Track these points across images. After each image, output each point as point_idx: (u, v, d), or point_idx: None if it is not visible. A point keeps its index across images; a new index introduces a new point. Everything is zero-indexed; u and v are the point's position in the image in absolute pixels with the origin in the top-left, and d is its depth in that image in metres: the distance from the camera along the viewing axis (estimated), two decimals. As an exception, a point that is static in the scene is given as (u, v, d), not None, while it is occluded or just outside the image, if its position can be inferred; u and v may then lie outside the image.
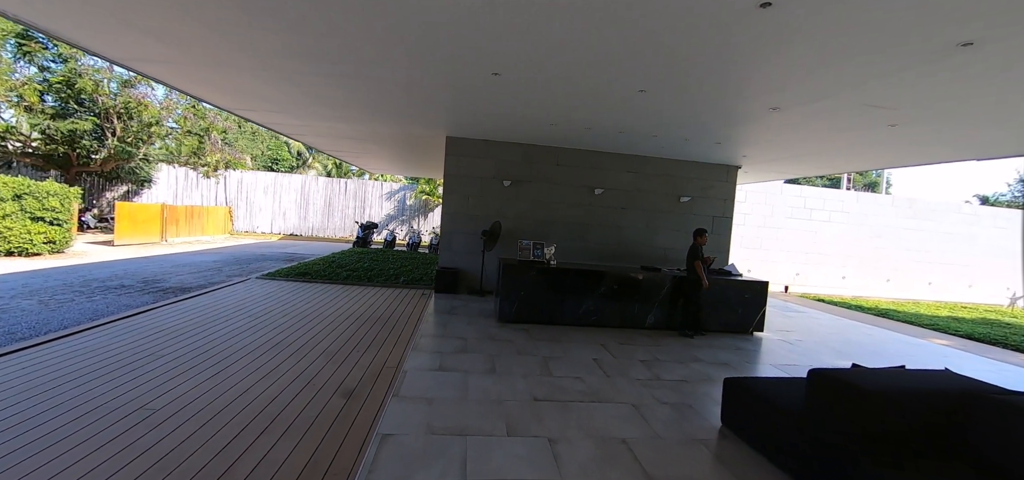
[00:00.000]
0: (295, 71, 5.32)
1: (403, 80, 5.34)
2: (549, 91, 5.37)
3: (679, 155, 9.26)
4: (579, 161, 9.34)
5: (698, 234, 6.99)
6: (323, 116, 7.92)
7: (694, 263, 6.89)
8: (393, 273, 10.53)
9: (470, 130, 8.31)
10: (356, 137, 9.90)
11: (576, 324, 6.92)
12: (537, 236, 9.32)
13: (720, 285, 7.28)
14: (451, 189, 9.14)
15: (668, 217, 9.79)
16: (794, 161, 8.89)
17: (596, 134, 7.68)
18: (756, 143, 7.53)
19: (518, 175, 9.20)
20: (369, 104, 6.70)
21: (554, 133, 7.88)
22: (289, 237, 21.09)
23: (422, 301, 8.37)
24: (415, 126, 8.30)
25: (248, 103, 7.36)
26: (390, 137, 9.65)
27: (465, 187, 9.12)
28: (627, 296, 7.02)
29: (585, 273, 6.92)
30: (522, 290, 6.76)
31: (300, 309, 7.21)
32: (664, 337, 6.77)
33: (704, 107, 5.62)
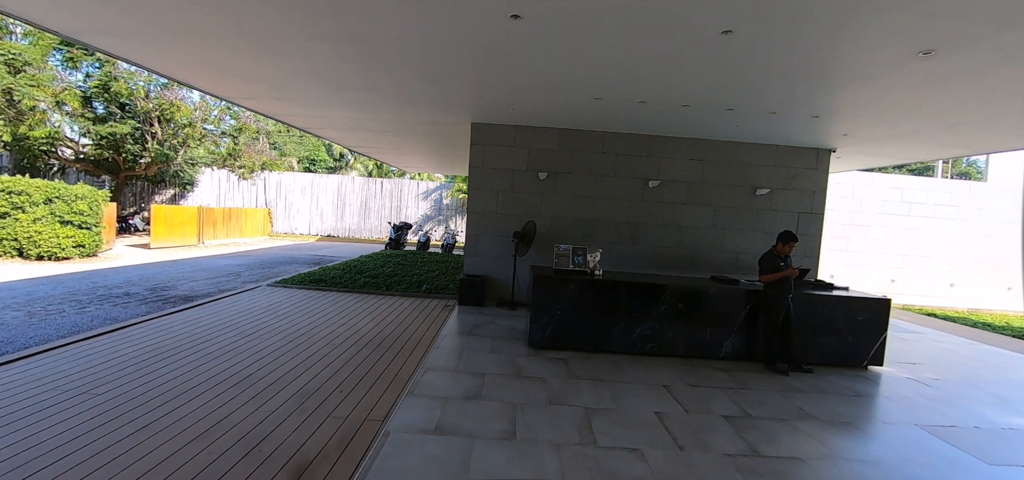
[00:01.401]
0: (289, 42, 4.25)
1: (413, 38, 4.08)
2: (588, 39, 3.91)
3: (756, 137, 7.46)
4: (629, 147, 7.76)
5: (783, 240, 5.25)
6: (329, 102, 6.86)
7: (766, 275, 5.21)
8: (417, 280, 9.41)
9: (497, 113, 6.97)
10: (374, 128, 8.84)
11: (628, 353, 5.40)
12: (578, 239, 7.84)
13: (823, 304, 5.50)
14: (477, 184, 7.84)
15: (741, 214, 7.99)
16: (909, 140, 6.86)
17: (652, 110, 6.10)
18: (866, 115, 5.68)
19: (555, 166, 7.76)
20: (377, 82, 5.52)
21: (598, 111, 6.38)
22: (326, 239, 20.74)
23: (441, 316, 7.13)
24: (436, 111, 7.07)
25: (246, 89, 6.42)
26: (412, 127, 8.50)
27: (493, 181, 7.80)
28: (696, 317, 5.41)
29: (640, 287, 5.38)
30: (558, 309, 5.33)
31: (297, 326, 6.17)
32: (747, 372, 5.11)
33: (814, 56, 3.96)
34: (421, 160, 14.51)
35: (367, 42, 4.25)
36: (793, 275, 5.19)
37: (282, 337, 5.64)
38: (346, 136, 10.21)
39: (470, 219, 7.90)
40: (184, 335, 5.49)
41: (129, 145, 16.08)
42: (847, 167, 9.65)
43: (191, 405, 3.73)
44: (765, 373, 5.16)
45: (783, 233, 5.27)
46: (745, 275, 7.92)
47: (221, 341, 5.35)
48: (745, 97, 5.32)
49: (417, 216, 21.28)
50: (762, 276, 5.27)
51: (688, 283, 5.57)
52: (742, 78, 4.70)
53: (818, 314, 5.49)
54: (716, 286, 5.59)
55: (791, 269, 5.19)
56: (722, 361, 5.43)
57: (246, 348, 5.16)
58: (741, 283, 5.93)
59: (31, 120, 13.62)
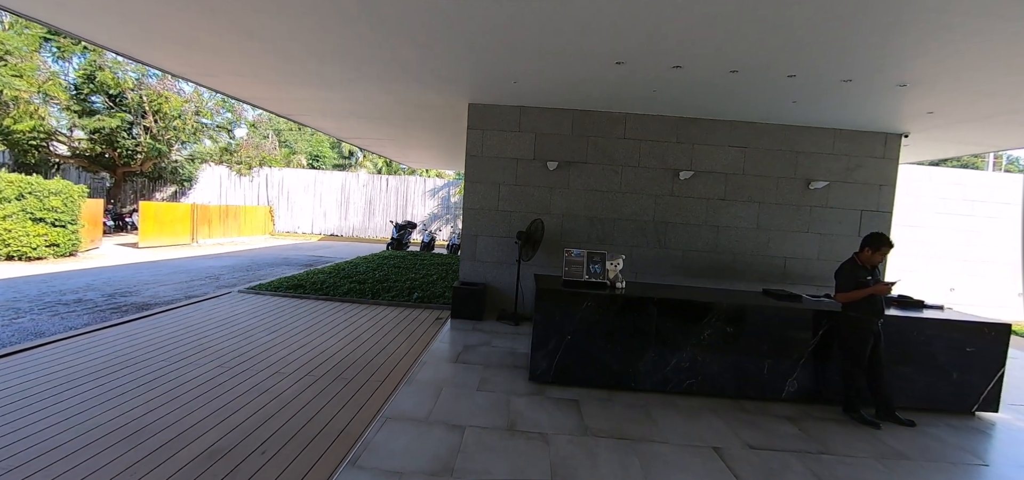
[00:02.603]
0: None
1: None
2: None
3: (811, 117, 6.10)
4: (656, 131, 6.48)
5: (871, 244, 3.93)
6: (295, 78, 5.77)
7: (847, 293, 3.91)
8: (410, 286, 8.28)
9: (498, 91, 5.78)
10: (359, 113, 7.73)
11: (660, 391, 4.15)
12: (593, 241, 6.60)
13: (916, 329, 4.16)
14: (475, 176, 6.66)
15: (791, 212, 6.64)
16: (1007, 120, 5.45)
17: (688, 80, 4.83)
18: (969, 83, 4.32)
19: (567, 154, 6.53)
20: (350, 47, 4.38)
21: (619, 84, 5.14)
22: (329, 238, 19.84)
23: (429, 333, 5.97)
24: (427, 90, 5.93)
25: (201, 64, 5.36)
26: (404, 113, 7.37)
27: (493, 172, 6.61)
28: (748, 344, 4.13)
29: (677, 306, 4.12)
30: (569, 332, 4.11)
31: (250, 345, 5.08)
32: (821, 421, 3.82)
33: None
34: (425, 154, 13.42)
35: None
36: (885, 292, 3.88)
37: (223, 362, 4.55)
38: (332, 124, 9.13)
39: (466, 217, 6.73)
40: (102, 359, 4.43)
41: (123, 140, 15.37)
42: (911, 158, 8.18)
43: (34, 464, 2.63)
44: (846, 423, 3.86)
45: (872, 236, 3.95)
46: (800, 285, 6.58)
47: (141, 369, 4.28)
48: (815, 58, 4.02)
49: (424, 214, 20.23)
50: (841, 294, 3.96)
51: (738, 299, 4.28)
52: (817, 29, 3.42)
53: (910, 343, 4.15)
54: (774, 304, 4.29)
55: (881, 284, 3.87)
56: (785, 405, 4.14)
57: (167, 380, 4.07)
58: (804, 300, 4.61)
59: (16, 113, 12.93)
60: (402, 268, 10.24)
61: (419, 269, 10.15)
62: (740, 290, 5.24)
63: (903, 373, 4.15)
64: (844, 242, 6.69)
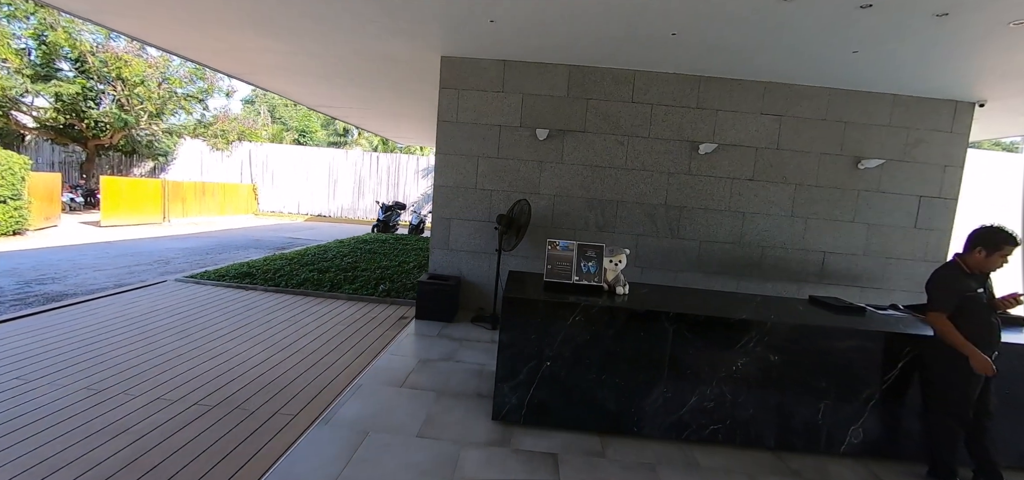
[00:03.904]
0: None
1: None
2: None
3: (870, 79, 4.84)
4: (671, 93, 5.24)
5: (984, 242, 2.67)
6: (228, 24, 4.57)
7: (943, 313, 2.70)
8: (379, 276, 7.14)
9: (476, 38, 4.57)
10: (313, 69, 6.51)
11: (673, 439, 3.01)
12: (592, 228, 5.42)
13: None
14: (448, 146, 5.47)
15: (833, 197, 5.42)
16: None
17: (723, 13, 3.59)
18: None
19: (560, 121, 5.31)
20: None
21: (628, 27, 3.90)
22: (316, 218, 18.74)
23: (384, 338, 4.85)
24: (389, 36, 4.72)
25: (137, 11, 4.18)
26: (365, 67, 6.14)
27: (470, 142, 5.41)
28: (798, 377, 2.96)
29: (703, 324, 2.93)
30: (548, 355, 2.95)
31: (151, 353, 3.99)
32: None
33: None
34: (404, 126, 12.14)
35: None
36: (1009, 307, 2.68)
37: (95, 382, 3.45)
38: (292, 86, 7.90)
39: (437, 196, 5.55)
40: (-71, 375, 3.35)
41: (91, 110, 14.22)
42: (978, 134, 6.87)
43: None
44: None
45: (987, 232, 2.70)
46: (842, 286, 5.40)
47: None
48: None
49: (416, 195, 19.06)
50: (934, 312, 2.75)
51: (788, 314, 3.09)
52: None
53: (1018, 378, 2.96)
54: (836, 324, 3.10)
55: (1005, 298, 2.68)
56: (846, 462, 2.98)
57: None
58: (868, 313, 3.42)
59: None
60: (379, 254, 9.11)
61: (398, 255, 9.02)
62: (776, 297, 4.06)
63: (1010, 421, 2.98)
64: (897, 235, 5.48)
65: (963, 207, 5.68)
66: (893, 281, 5.52)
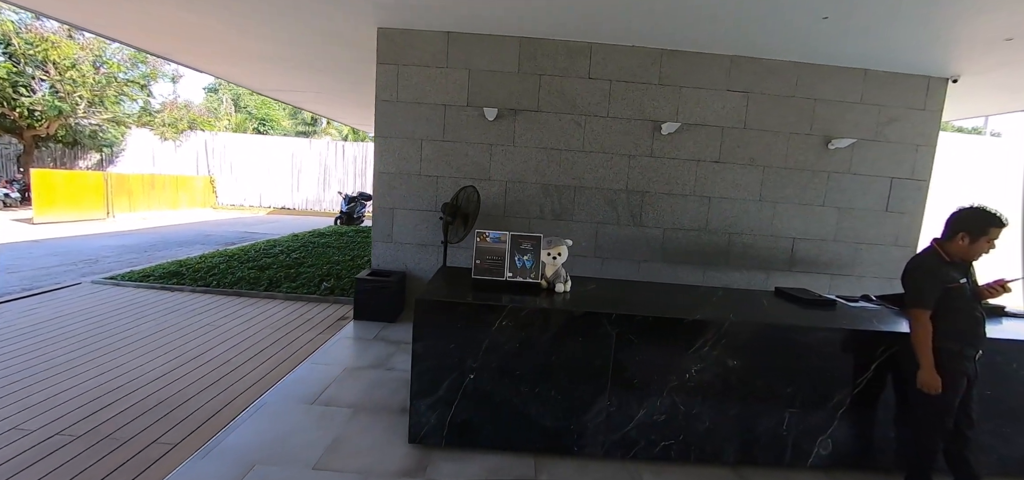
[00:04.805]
0: None
1: None
2: None
3: (840, 52, 4.49)
4: (632, 67, 4.81)
5: (967, 229, 2.28)
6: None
7: (921, 307, 2.32)
8: (324, 273, 6.58)
9: (416, 9, 4.07)
10: (238, 47, 5.86)
11: (617, 457, 2.60)
12: (548, 216, 4.99)
13: (1015, 356, 2.65)
14: (388, 128, 4.94)
15: (803, 180, 5.10)
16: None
17: None
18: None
19: (512, 99, 4.83)
20: None
21: None
22: (279, 211, 17.88)
23: (314, 342, 4.34)
24: (326, 5, 4.15)
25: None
26: (300, 45, 5.53)
27: (413, 123, 4.89)
28: (760, 384, 2.58)
29: (648, 326, 2.51)
30: (472, 367, 2.50)
31: (40, 366, 3.42)
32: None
33: None
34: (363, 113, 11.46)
35: None
36: (995, 296, 2.34)
37: (-65, 409, 2.87)
38: (227, 66, 7.18)
39: (378, 184, 5.03)
40: None
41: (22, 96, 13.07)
42: (956, 113, 6.65)
43: None
44: (917, 518, 2.37)
45: (968, 213, 2.33)
46: (811, 274, 5.12)
47: None
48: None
49: (385, 186, 18.35)
50: (916, 308, 2.39)
51: (745, 314, 2.70)
52: None
53: (1008, 380, 2.65)
54: (796, 318, 2.74)
55: (991, 286, 2.34)
56: (813, 476, 2.63)
57: None
58: (838, 306, 3.08)
59: None
60: (332, 248, 8.52)
61: (353, 249, 8.46)
62: (740, 289, 3.71)
63: (991, 424, 2.67)
64: (868, 219, 5.20)
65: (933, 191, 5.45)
66: (864, 267, 5.25)
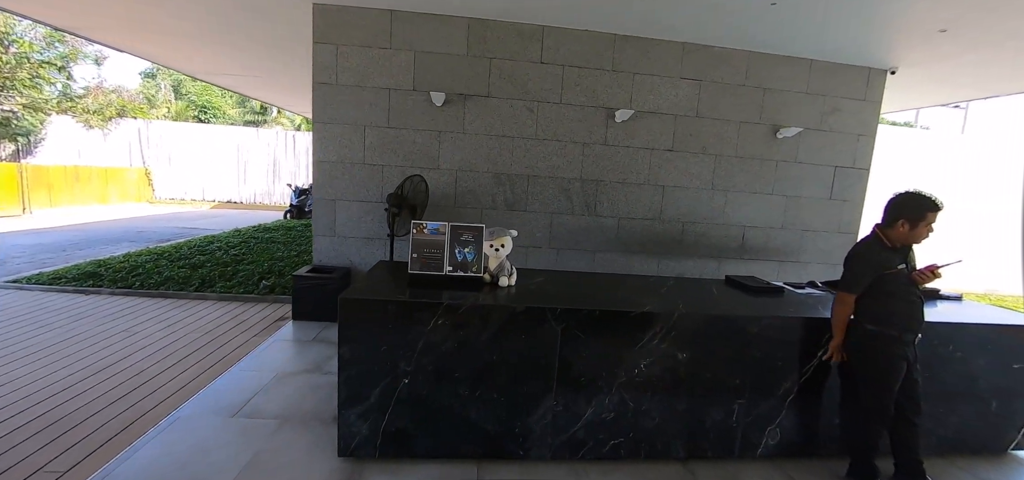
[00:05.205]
0: None
1: None
2: None
3: (787, 40, 4.53)
4: (585, 52, 4.68)
5: (906, 216, 2.29)
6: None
7: (851, 292, 2.37)
8: (263, 271, 6.14)
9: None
10: (173, 29, 5.32)
11: (565, 459, 2.47)
12: (501, 206, 4.81)
13: (949, 339, 2.70)
14: (327, 113, 4.60)
15: (755, 168, 5.15)
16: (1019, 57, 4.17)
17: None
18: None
19: (460, 83, 4.59)
20: None
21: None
22: (224, 205, 16.83)
23: (246, 346, 3.98)
24: None
25: None
26: (223, 18, 5.06)
27: (355, 108, 4.57)
28: (710, 377, 2.51)
29: (594, 320, 2.37)
30: (406, 370, 2.28)
31: None
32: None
33: None
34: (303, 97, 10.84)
35: None
36: (926, 281, 2.35)
37: None
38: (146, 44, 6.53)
39: (319, 174, 4.68)
40: None
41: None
42: (894, 104, 6.93)
43: None
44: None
45: (905, 199, 2.33)
46: (760, 261, 5.19)
47: None
48: None
49: (341, 178, 17.63)
50: (842, 291, 2.40)
51: (694, 304, 2.62)
52: None
53: (942, 362, 2.70)
54: (745, 308, 2.69)
55: (923, 271, 2.34)
56: (762, 466, 2.60)
57: None
58: (786, 292, 3.07)
59: None
60: (277, 243, 8.02)
61: (300, 244, 7.98)
62: (691, 279, 3.66)
63: (941, 407, 2.72)
64: (814, 207, 5.33)
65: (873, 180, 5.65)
66: (809, 254, 5.38)
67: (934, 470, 2.55)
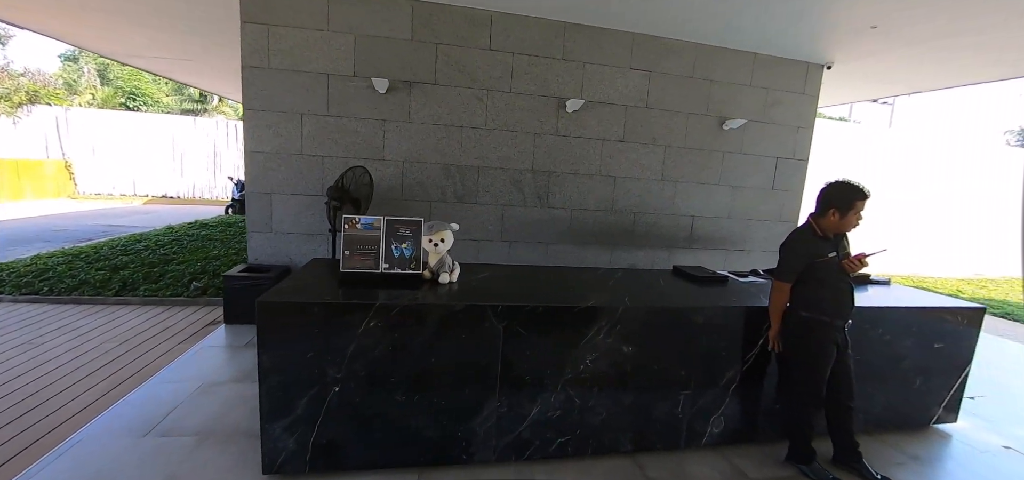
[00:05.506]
0: None
1: None
2: None
3: (731, 33, 4.60)
4: (535, 40, 4.57)
5: (836, 204, 2.34)
6: None
7: (784, 280, 2.44)
8: (195, 271, 5.68)
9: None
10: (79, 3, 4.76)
11: (511, 460, 2.38)
12: (451, 199, 4.64)
13: (880, 323, 2.82)
14: (260, 99, 4.25)
15: (702, 159, 5.24)
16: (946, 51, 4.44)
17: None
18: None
19: (405, 70, 4.37)
20: None
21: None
22: (159, 200, 15.61)
23: (171, 354, 3.64)
24: None
25: None
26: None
27: (291, 95, 4.26)
28: (656, 369, 2.48)
29: (537, 317, 2.28)
30: (336, 378, 2.10)
31: None
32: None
33: None
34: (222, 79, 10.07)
35: None
36: (855, 270, 2.41)
37: None
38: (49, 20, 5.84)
39: (252, 166, 4.34)
40: None
41: None
42: (831, 99, 7.27)
43: None
44: None
45: (835, 188, 2.38)
46: (709, 251, 5.30)
47: None
48: None
49: (289, 171, 16.75)
50: (777, 279, 2.45)
51: (639, 297, 2.59)
52: None
53: (872, 345, 2.81)
54: (689, 299, 2.69)
55: (853, 258, 2.40)
56: (707, 455, 2.61)
57: None
58: (729, 281, 3.11)
59: None
60: (215, 240, 7.47)
61: (239, 241, 7.48)
62: (639, 269, 3.66)
63: (872, 387, 2.83)
64: (757, 196, 5.51)
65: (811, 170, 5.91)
66: (753, 242, 5.56)
67: (865, 446, 2.64)
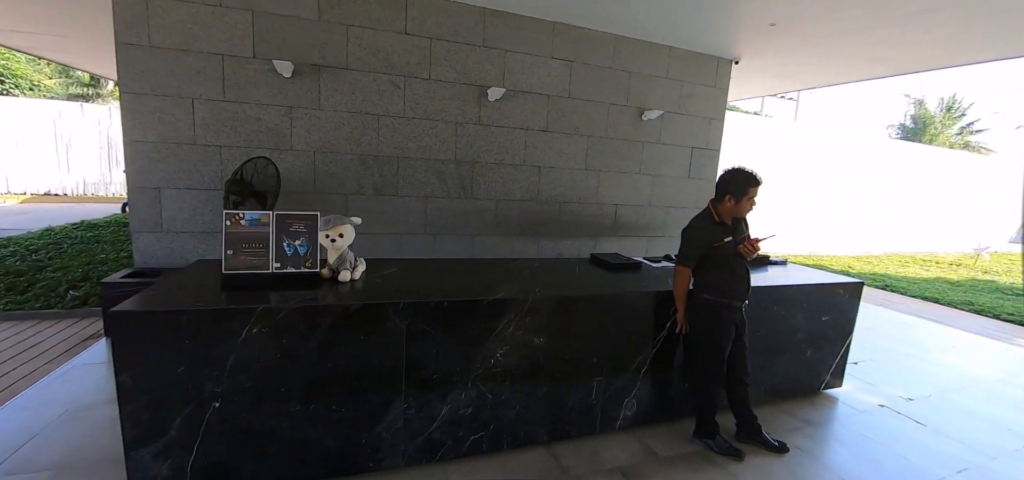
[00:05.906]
0: None
1: None
2: None
3: (647, 26, 4.73)
4: (455, 26, 4.42)
5: (731, 191, 2.48)
6: None
7: (687, 264, 2.56)
8: (75, 277, 4.98)
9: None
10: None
11: (423, 463, 2.27)
12: (370, 192, 4.40)
13: (775, 301, 3.03)
14: (140, 82, 3.75)
15: (622, 149, 5.38)
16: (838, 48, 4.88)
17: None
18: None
19: (312, 52, 4.05)
20: None
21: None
22: (40, 198, 13.65)
23: (34, 375, 3.14)
24: None
25: None
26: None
27: (177, 78, 3.80)
28: (567, 359, 2.48)
29: (442, 313, 2.18)
30: (215, 393, 1.88)
31: None
32: (670, 466, 2.43)
33: None
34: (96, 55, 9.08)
35: None
36: (749, 254, 2.54)
37: None
38: None
39: (132, 156, 3.84)
40: None
41: None
42: (737, 94, 7.75)
43: None
44: (700, 458, 2.53)
45: (730, 176, 2.50)
46: (631, 238, 5.47)
47: None
48: None
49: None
50: (678, 264, 2.55)
51: (548, 288, 2.57)
52: None
53: (771, 321, 3.02)
54: (599, 287, 2.72)
55: (746, 243, 2.52)
56: (621, 438, 2.66)
57: None
58: (644, 266, 3.20)
59: None
60: (103, 242, 6.63)
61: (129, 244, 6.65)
62: (555, 258, 3.68)
63: (767, 359, 3.03)
64: (675, 185, 5.76)
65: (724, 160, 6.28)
66: (672, 229, 5.82)
67: (764, 416, 2.83)
